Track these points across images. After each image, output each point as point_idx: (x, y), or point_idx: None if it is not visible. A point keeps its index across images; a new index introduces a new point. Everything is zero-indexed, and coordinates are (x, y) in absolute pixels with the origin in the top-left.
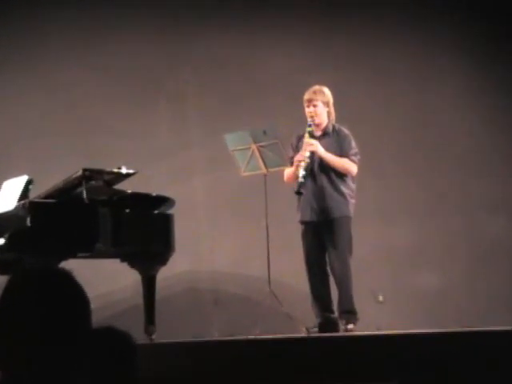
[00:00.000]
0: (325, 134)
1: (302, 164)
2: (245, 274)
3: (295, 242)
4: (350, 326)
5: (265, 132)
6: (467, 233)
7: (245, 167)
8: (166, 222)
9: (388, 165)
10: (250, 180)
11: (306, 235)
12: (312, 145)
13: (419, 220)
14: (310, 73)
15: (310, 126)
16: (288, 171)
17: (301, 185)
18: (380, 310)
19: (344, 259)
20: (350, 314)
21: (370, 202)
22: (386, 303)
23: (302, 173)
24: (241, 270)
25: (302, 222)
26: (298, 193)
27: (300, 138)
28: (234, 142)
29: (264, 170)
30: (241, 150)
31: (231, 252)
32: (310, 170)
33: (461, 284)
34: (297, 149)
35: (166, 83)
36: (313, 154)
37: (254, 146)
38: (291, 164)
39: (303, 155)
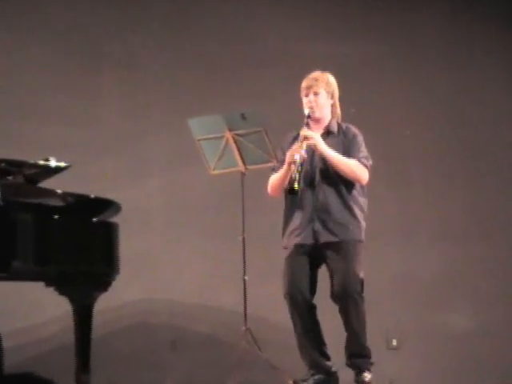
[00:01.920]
0: (328, 133)
1: (297, 158)
2: (213, 307)
3: (282, 261)
4: (367, 377)
5: (243, 116)
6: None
7: (215, 163)
8: (109, 234)
9: (410, 172)
10: (222, 180)
11: (293, 257)
12: (309, 137)
13: (448, 244)
14: (310, 44)
15: (308, 117)
16: (274, 178)
17: (294, 180)
18: (394, 358)
19: (354, 294)
20: (362, 357)
21: (385, 219)
22: (402, 349)
23: (297, 166)
24: (208, 300)
25: (296, 246)
26: (292, 190)
27: (295, 138)
28: (202, 128)
29: (241, 168)
30: (211, 139)
31: (196, 276)
32: (309, 180)
33: (499, 327)
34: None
35: (114, 51)
36: (312, 156)
37: (228, 135)
38: (277, 170)
39: (298, 150)
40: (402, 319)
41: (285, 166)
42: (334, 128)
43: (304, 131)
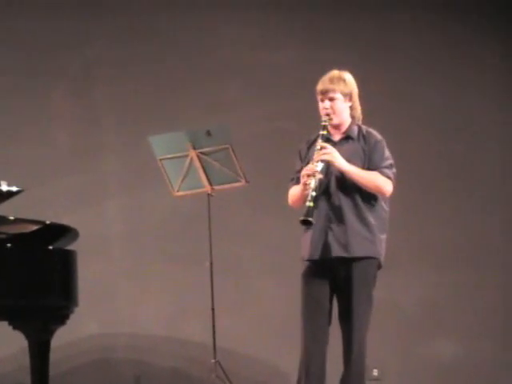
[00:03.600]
0: (347, 138)
1: (312, 181)
2: (179, 339)
3: (254, 291)
4: None
5: (209, 133)
6: (506, 289)
7: (179, 184)
8: (66, 262)
9: (394, 192)
10: (186, 203)
11: (308, 278)
12: (326, 152)
13: (432, 268)
14: (278, 50)
15: (324, 127)
16: (294, 191)
17: (309, 211)
18: None
19: (362, 321)
20: None
21: None
22: (384, 380)
23: (311, 194)
24: (174, 333)
25: (309, 261)
26: (306, 222)
27: (312, 144)
28: (164, 146)
29: (207, 188)
30: (173, 158)
31: (160, 307)
32: (324, 187)
33: (489, 356)
34: (306, 159)
35: (68, 65)
36: (328, 165)
37: (192, 153)
38: (297, 181)
39: (313, 168)
40: (384, 348)
41: (301, 186)
42: (354, 133)
43: (320, 144)
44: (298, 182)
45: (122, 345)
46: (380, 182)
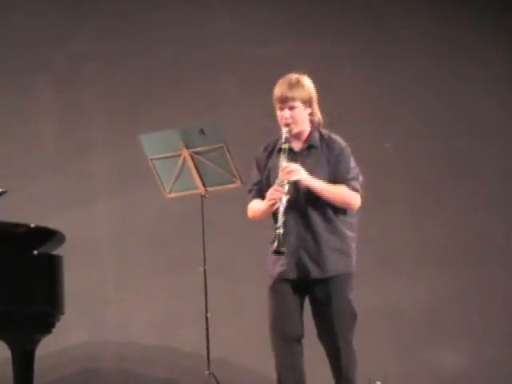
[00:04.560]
0: (309, 147)
1: (280, 206)
2: (172, 349)
3: (249, 297)
4: None
5: (202, 131)
6: (510, 292)
7: (171, 185)
8: (52, 268)
9: (390, 190)
10: (179, 205)
11: (276, 290)
12: (291, 171)
13: (435, 271)
14: (271, 45)
15: (286, 140)
16: (256, 206)
17: (280, 240)
18: None
19: (346, 336)
20: None
21: (361, 243)
22: None
23: (280, 220)
24: (166, 341)
25: (280, 279)
26: (278, 252)
27: (271, 152)
28: (155, 146)
29: (201, 190)
30: (165, 158)
31: (151, 314)
32: (293, 201)
33: (496, 364)
34: (266, 169)
35: (53, 59)
36: (295, 183)
37: (185, 153)
38: (256, 194)
39: (280, 190)
40: (385, 358)
41: (265, 203)
42: (316, 141)
43: (284, 163)
44: (257, 194)
45: (110, 354)
46: (348, 196)
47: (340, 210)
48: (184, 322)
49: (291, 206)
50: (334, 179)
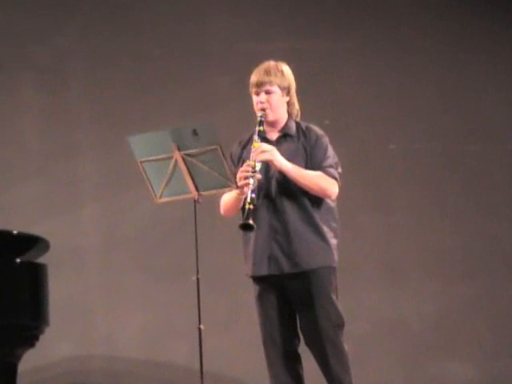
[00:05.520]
0: (284, 135)
1: (251, 181)
2: (163, 363)
3: (244, 308)
4: None
5: (195, 132)
6: None
7: (162, 189)
8: (35, 277)
9: (395, 195)
10: (170, 210)
11: (263, 298)
12: (265, 151)
13: (443, 281)
14: (268, 42)
15: (261, 123)
16: (227, 198)
17: (249, 213)
18: None
19: (332, 337)
20: None
21: (365, 252)
22: None
23: (250, 196)
24: (156, 355)
25: (255, 278)
26: (246, 226)
27: (246, 145)
28: (145, 147)
29: (194, 194)
30: (156, 161)
31: (141, 327)
32: (264, 192)
33: (507, 380)
34: (241, 162)
35: (37, 56)
36: (267, 165)
37: (177, 155)
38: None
39: (251, 166)
40: (392, 373)
41: (237, 190)
42: (292, 130)
43: (256, 144)
44: (234, 187)
45: (97, 369)
46: (324, 183)
47: (316, 200)
48: (176, 335)
49: (263, 196)
50: (311, 167)
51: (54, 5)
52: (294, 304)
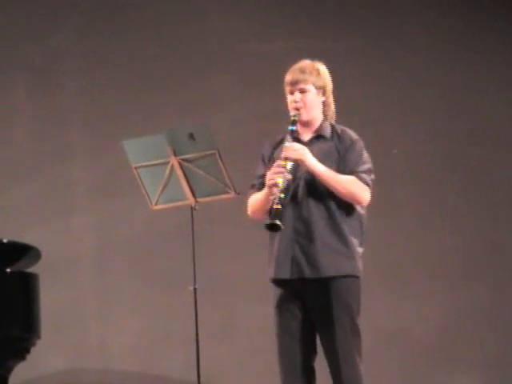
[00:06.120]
0: (318, 137)
1: (280, 181)
2: (158, 376)
3: (243, 318)
4: None
5: (192, 136)
6: None
7: (158, 196)
8: (26, 288)
9: (398, 198)
10: (167, 217)
11: (282, 308)
12: (296, 150)
13: (448, 287)
14: (268, 42)
15: (293, 123)
16: (256, 198)
17: (278, 213)
18: None
19: (348, 358)
20: None
21: (367, 256)
22: None
23: (279, 196)
24: (152, 367)
25: (277, 282)
26: (273, 226)
27: (278, 145)
28: (141, 152)
29: (190, 201)
30: (152, 166)
31: (135, 338)
32: (292, 192)
33: None
34: (270, 162)
35: (30, 56)
36: (296, 165)
37: (173, 161)
38: (259, 188)
39: (282, 166)
40: (394, 382)
41: (266, 189)
42: (327, 131)
43: (288, 143)
44: (260, 188)
45: (91, 381)
46: (356, 188)
47: (344, 205)
48: (172, 346)
49: (290, 198)
50: (343, 171)
51: (48, 3)
52: (312, 314)
